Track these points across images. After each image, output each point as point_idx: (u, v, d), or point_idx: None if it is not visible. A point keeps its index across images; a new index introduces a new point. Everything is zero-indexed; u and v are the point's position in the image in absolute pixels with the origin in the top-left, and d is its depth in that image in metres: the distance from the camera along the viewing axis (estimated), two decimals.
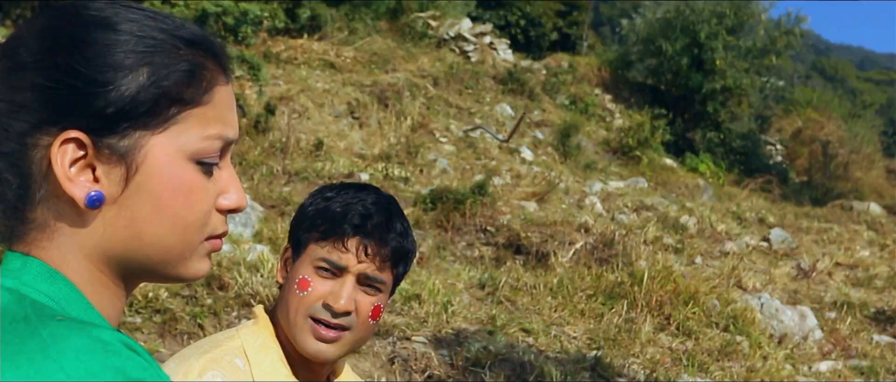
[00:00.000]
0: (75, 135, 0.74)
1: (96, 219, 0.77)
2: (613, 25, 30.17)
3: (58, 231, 0.77)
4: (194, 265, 0.82)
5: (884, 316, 7.01)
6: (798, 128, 19.29)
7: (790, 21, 18.42)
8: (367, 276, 1.39)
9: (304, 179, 7.51)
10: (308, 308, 1.39)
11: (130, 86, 0.75)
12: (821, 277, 7.88)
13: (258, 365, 1.38)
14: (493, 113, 12.86)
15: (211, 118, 0.80)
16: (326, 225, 1.40)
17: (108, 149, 0.75)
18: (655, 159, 14.80)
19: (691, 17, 17.17)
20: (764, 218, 10.02)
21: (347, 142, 9.72)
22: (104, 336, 0.68)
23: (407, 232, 1.43)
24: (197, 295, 4.86)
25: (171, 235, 0.79)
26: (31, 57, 0.75)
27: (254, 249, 5.61)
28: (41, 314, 0.70)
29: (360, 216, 1.39)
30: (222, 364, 1.35)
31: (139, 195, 0.77)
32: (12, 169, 0.76)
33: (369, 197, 1.42)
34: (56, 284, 0.75)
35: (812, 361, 6.08)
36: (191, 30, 0.80)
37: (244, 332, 1.43)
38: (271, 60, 10.99)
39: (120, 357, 0.66)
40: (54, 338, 0.67)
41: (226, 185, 0.82)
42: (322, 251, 1.39)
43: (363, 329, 1.41)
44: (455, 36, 14.97)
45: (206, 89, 0.79)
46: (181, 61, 0.78)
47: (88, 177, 0.75)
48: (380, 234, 1.39)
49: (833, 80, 48.70)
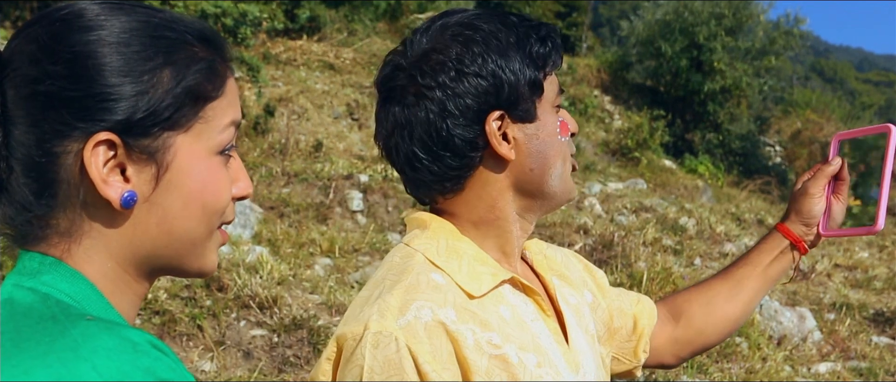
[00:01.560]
0: (106, 136, 0.74)
1: (127, 219, 0.78)
2: (613, 27, 30.19)
3: (86, 233, 0.77)
4: (211, 257, 0.84)
5: (883, 317, 7.01)
6: (797, 129, 19.30)
7: (789, 22, 18.44)
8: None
9: (304, 181, 7.51)
10: (568, 150, 1.23)
11: (157, 89, 0.76)
12: (820, 278, 7.88)
13: (457, 272, 1.16)
14: None
15: (226, 107, 0.82)
16: (542, 50, 1.19)
17: (138, 150, 0.76)
18: (654, 160, 14.80)
19: (690, 18, 17.18)
20: (763, 220, 10.01)
21: (347, 143, 9.72)
22: (133, 336, 0.69)
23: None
24: (196, 297, 4.86)
25: (198, 227, 0.80)
26: (42, 68, 0.74)
27: (253, 251, 5.61)
28: (68, 313, 0.71)
29: (549, 36, 1.21)
30: (421, 289, 1.12)
31: (170, 192, 0.78)
32: (34, 177, 0.76)
33: (523, 19, 1.23)
34: (76, 284, 0.76)
35: (811, 362, 6.08)
36: (197, 25, 0.82)
37: (417, 243, 1.21)
38: (270, 61, 10.99)
39: (149, 358, 0.67)
40: (85, 338, 0.67)
41: (235, 174, 0.84)
42: (553, 85, 1.21)
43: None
44: None
45: (222, 83, 0.81)
46: (199, 59, 0.79)
47: (119, 177, 0.76)
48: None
49: (832, 82, 48.76)
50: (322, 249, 6.23)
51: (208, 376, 4.43)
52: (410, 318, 1.08)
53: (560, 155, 1.21)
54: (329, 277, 5.77)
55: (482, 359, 1.10)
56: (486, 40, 1.16)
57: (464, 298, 1.13)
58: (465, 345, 1.09)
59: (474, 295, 1.14)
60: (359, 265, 6.18)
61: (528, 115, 1.17)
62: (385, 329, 1.07)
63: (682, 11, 17.32)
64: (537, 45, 1.18)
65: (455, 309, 1.11)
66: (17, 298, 0.73)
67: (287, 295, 5.12)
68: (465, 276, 1.16)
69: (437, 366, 1.07)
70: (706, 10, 17.21)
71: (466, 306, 1.13)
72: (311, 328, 4.83)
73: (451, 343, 1.09)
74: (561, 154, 1.21)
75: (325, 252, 6.21)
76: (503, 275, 1.18)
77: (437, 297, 1.11)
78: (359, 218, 7.19)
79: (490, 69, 1.14)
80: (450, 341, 1.09)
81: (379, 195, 7.50)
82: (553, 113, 1.21)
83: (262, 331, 4.79)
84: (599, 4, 36.05)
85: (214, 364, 4.50)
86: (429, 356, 1.06)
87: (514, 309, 1.18)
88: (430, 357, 1.07)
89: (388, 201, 7.47)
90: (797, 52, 20.06)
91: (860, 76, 61.85)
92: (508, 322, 1.16)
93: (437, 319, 1.09)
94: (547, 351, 1.18)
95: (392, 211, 7.38)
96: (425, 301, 1.10)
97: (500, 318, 1.15)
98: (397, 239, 6.86)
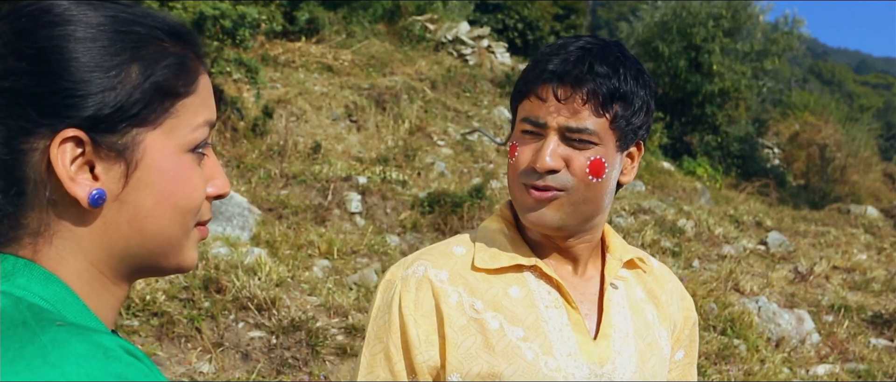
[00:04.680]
0: (73, 133, 0.73)
1: (97, 218, 0.76)
2: (611, 30, 30.21)
3: (56, 233, 0.76)
4: (189, 253, 0.82)
5: (881, 319, 7.01)
6: (795, 131, 19.30)
7: (787, 24, 18.44)
8: (568, 129, 1.25)
9: (302, 182, 7.51)
10: (517, 173, 1.31)
11: (125, 85, 0.74)
12: (818, 280, 7.88)
13: (481, 249, 1.36)
14: (491, 116, 12.85)
15: (198, 106, 0.80)
16: (524, 80, 1.30)
17: (106, 147, 0.74)
18: (653, 162, 14.80)
19: (688, 19, 17.18)
20: (761, 222, 10.02)
21: (345, 145, 9.72)
22: (105, 341, 0.67)
23: (618, 71, 1.25)
24: (194, 298, 4.86)
25: (171, 226, 0.79)
26: (6, 65, 0.73)
27: (251, 252, 5.61)
28: (40, 318, 0.69)
29: (556, 61, 1.26)
30: (432, 254, 1.36)
31: (140, 190, 0.76)
32: (1, 175, 0.74)
33: (577, 43, 1.28)
34: (51, 287, 0.74)
35: (809, 364, 6.08)
36: (168, 21, 0.80)
37: (484, 223, 1.43)
38: (269, 63, 10.99)
39: (121, 363, 0.66)
40: (54, 344, 0.66)
41: (211, 172, 0.83)
42: (524, 110, 1.30)
43: (584, 187, 1.27)
44: (453, 39, 14.97)
45: (193, 79, 0.80)
46: (169, 55, 0.78)
47: (87, 175, 0.75)
48: (575, 77, 1.24)
49: (830, 84, 48.78)
50: (320, 251, 6.23)
51: (207, 377, 4.43)
52: (409, 272, 1.34)
53: None
54: (327, 279, 5.77)
55: (461, 317, 1.31)
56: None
57: (466, 268, 1.34)
58: (445, 301, 1.31)
59: (479, 267, 1.34)
60: (357, 267, 6.17)
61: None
62: (393, 278, 1.35)
63: (681, 13, 17.32)
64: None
65: (450, 272, 1.33)
66: None
67: (285, 297, 5.12)
68: (484, 252, 1.35)
69: (416, 314, 1.31)
70: (704, 12, 17.21)
71: (463, 273, 1.34)
72: (309, 329, 4.83)
73: (433, 298, 1.31)
74: None
75: (323, 253, 6.21)
76: (523, 261, 1.34)
77: (439, 261, 1.34)
78: (357, 219, 7.19)
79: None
80: (433, 296, 1.31)
81: (377, 197, 7.50)
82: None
83: (261, 333, 4.78)
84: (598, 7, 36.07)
85: (213, 365, 4.49)
86: (411, 304, 1.31)
87: (529, 291, 1.34)
88: (412, 305, 1.31)
89: (386, 203, 7.47)
90: (795, 54, 20.08)
91: (858, 78, 61.87)
92: (514, 299, 1.33)
93: (427, 276, 1.32)
94: (547, 333, 1.32)
95: (390, 213, 7.38)
96: (426, 261, 1.34)
97: (503, 293, 1.33)
98: (396, 242, 6.85)
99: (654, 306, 1.45)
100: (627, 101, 1.26)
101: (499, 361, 1.29)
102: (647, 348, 1.39)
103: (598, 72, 1.24)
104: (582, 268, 1.39)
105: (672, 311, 1.48)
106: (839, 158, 17.92)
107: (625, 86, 1.25)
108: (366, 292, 5.62)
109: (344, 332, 5.01)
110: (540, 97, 1.26)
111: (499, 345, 1.29)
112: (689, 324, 1.51)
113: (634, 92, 1.26)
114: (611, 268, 1.40)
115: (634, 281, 1.45)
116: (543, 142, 1.27)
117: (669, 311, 1.47)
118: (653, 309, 1.44)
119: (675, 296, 1.50)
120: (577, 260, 1.38)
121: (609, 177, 1.29)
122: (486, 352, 1.29)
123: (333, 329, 5.00)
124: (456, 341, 1.30)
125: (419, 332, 1.30)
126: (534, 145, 1.28)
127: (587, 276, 1.39)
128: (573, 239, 1.35)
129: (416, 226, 7.19)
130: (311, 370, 4.63)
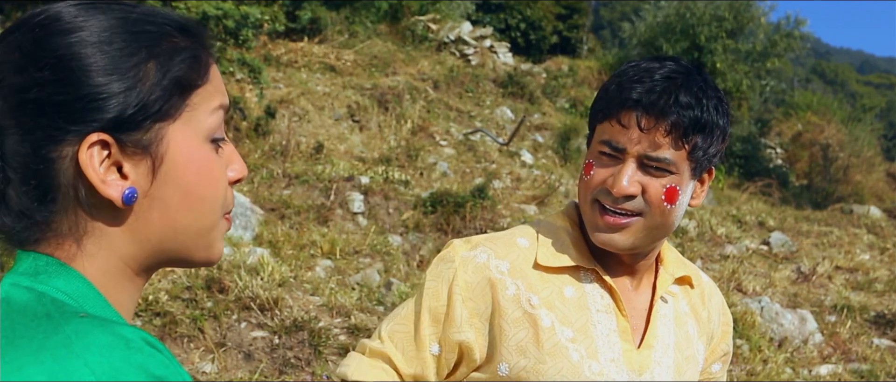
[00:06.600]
0: (98, 137, 0.75)
1: (130, 215, 0.78)
2: (613, 29, 30.20)
3: (87, 233, 0.77)
4: (218, 246, 0.84)
5: (884, 319, 7.00)
6: (798, 131, 19.28)
7: (790, 24, 18.42)
8: (647, 157, 1.27)
9: (305, 182, 7.51)
10: (590, 192, 1.33)
11: (144, 83, 0.76)
12: (821, 281, 7.87)
13: (545, 245, 1.40)
14: (494, 116, 12.86)
15: (212, 92, 0.82)
16: (606, 102, 1.31)
17: (132, 145, 0.76)
18: None
19: (691, 19, 17.17)
20: (764, 222, 10.01)
21: (348, 145, 9.72)
22: (127, 333, 0.69)
23: (701, 102, 1.26)
24: (197, 298, 4.86)
25: (201, 218, 0.81)
26: (28, 76, 0.74)
27: (254, 252, 5.61)
28: (63, 311, 0.71)
29: (640, 89, 1.27)
30: (495, 245, 1.40)
31: (168, 184, 0.78)
32: (34, 184, 0.76)
33: (662, 70, 1.29)
34: (72, 282, 0.76)
35: (812, 365, 6.08)
36: (175, 17, 0.82)
37: (549, 217, 1.47)
38: (272, 63, 11.00)
39: (143, 355, 0.67)
40: (78, 335, 0.67)
41: (229, 158, 0.85)
42: (604, 132, 1.31)
43: (658, 213, 1.30)
44: (455, 39, 14.97)
45: (205, 70, 0.82)
46: (182, 49, 0.80)
47: (116, 175, 0.76)
48: (660, 109, 1.25)
49: (833, 84, 48.74)
50: (323, 251, 6.23)
51: (209, 377, 4.43)
52: (471, 255, 1.38)
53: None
54: (330, 279, 5.77)
55: (516, 310, 1.35)
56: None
57: (528, 262, 1.38)
58: (502, 293, 1.35)
59: (541, 263, 1.38)
60: (359, 267, 6.18)
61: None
62: (453, 254, 1.40)
63: (684, 13, 17.31)
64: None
65: (511, 264, 1.38)
66: (13, 297, 0.74)
67: (288, 297, 5.12)
68: (547, 249, 1.39)
69: (466, 294, 1.36)
70: (707, 12, 17.20)
71: (523, 268, 1.38)
72: (311, 329, 4.83)
73: (490, 287, 1.36)
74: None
75: (325, 253, 6.21)
76: (584, 264, 1.38)
77: (502, 251, 1.39)
78: (360, 219, 7.19)
79: None
80: (490, 286, 1.36)
81: (380, 197, 7.50)
82: None
83: (263, 333, 4.79)
84: (600, 7, 36.06)
85: (215, 365, 4.50)
86: (464, 285, 1.36)
87: (583, 294, 1.38)
88: (465, 286, 1.36)
89: (388, 203, 7.47)
90: (798, 54, 20.05)
91: (861, 78, 61.81)
92: (567, 299, 1.37)
93: (486, 264, 1.37)
94: (594, 338, 1.36)
95: (393, 213, 7.38)
96: (489, 249, 1.39)
97: (558, 292, 1.38)
98: (398, 242, 6.86)
99: (695, 320, 1.50)
100: (707, 133, 1.28)
101: (545, 358, 1.33)
102: (684, 361, 1.44)
103: (682, 102, 1.26)
104: (638, 279, 1.43)
105: (712, 326, 1.53)
106: (842, 158, 17.89)
107: (705, 117, 1.27)
108: (368, 292, 5.62)
109: (346, 332, 5.01)
110: (621, 123, 1.28)
111: (548, 343, 1.34)
112: (726, 338, 1.57)
113: (715, 122, 1.29)
114: (663, 282, 1.44)
115: (681, 295, 1.49)
116: (621, 167, 1.30)
117: (710, 327, 1.52)
118: (694, 323, 1.49)
119: (717, 311, 1.55)
120: (636, 272, 1.42)
121: (682, 204, 1.33)
122: (535, 347, 1.34)
123: (336, 330, 5.00)
124: (508, 333, 1.34)
125: (463, 312, 1.36)
126: (611, 168, 1.31)
127: (641, 287, 1.44)
128: (638, 256, 1.40)
129: (418, 226, 7.19)
130: (314, 370, 4.64)
